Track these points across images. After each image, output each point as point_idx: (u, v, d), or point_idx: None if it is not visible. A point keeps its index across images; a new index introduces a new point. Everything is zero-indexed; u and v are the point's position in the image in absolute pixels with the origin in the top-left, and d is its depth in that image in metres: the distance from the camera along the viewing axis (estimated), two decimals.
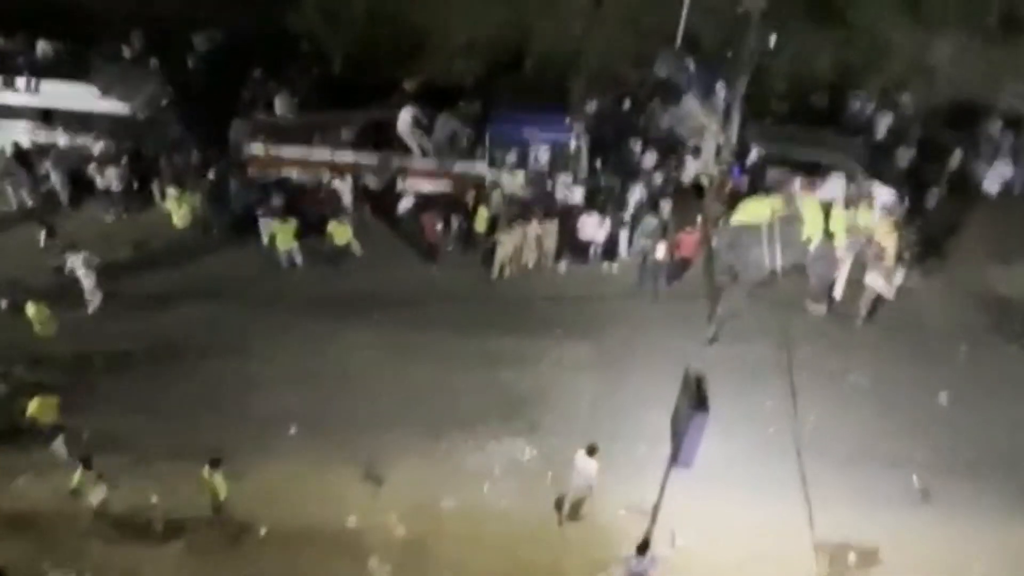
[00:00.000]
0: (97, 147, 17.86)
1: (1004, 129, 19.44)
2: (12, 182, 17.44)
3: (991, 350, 15.81)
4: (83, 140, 17.88)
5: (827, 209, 15.62)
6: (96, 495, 11.68)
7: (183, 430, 13.26)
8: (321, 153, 17.89)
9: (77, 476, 11.40)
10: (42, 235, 16.08)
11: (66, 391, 13.57)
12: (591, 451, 11.07)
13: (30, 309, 14.33)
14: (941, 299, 16.96)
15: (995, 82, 16.74)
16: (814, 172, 17.51)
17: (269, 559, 11.78)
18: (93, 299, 15.60)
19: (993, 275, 17.49)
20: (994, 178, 19.24)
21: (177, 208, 16.94)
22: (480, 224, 17.04)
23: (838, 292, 16.12)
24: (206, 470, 11.60)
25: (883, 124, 20.09)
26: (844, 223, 15.53)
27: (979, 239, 18.19)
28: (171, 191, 16.98)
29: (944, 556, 12.16)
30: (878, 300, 16.14)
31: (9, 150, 17.72)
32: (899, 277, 15.73)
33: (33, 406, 12.72)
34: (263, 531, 12.20)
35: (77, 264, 15.17)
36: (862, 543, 12.23)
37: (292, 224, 16.56)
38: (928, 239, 17.77)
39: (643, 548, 10.27)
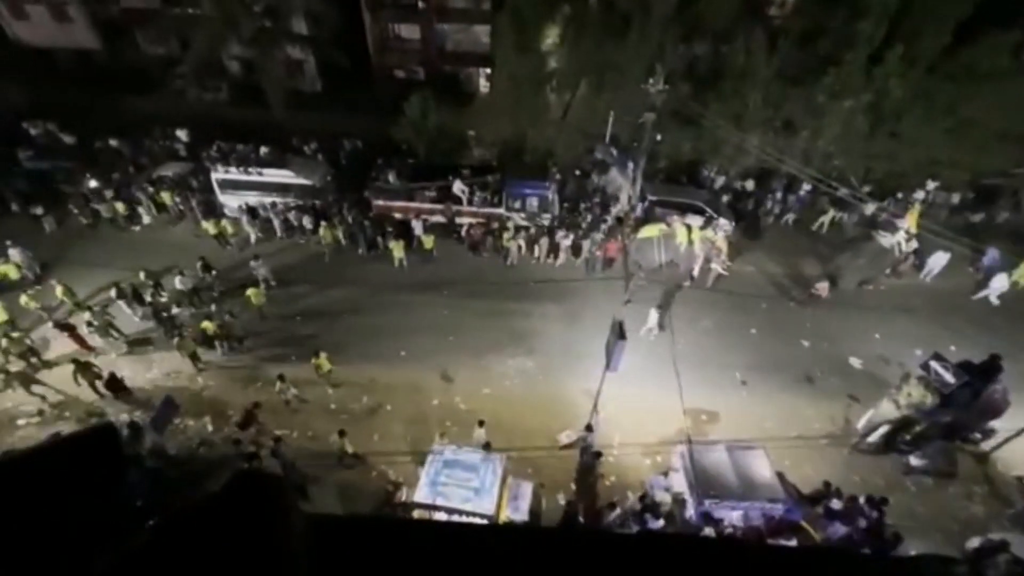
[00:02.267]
0: (293, 203, 17.86)
1: (785, 187, 19.32)
2: (248, 222, 17.42)
3: (778, 303, 15.89)
4: (285, 199, 17.89)
5: (689, 228, 15.68)
6: (290, 391, 11.96)
7: (334, 353, 13.04)
8: (415, 205, 17.82)
9: (278, 384, 11.78)
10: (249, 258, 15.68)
11: (269, 335, 14.18)
12: (480, 423, 10.82)
13: (251, 291, 14.38)
14: (751, 277, 16.90)
15: (779, 160, 16.74)
16: (682, 209, 17.46)
17: (393, 423, 12.12)
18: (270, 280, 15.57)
19: (778, 264, 17.44)
20: (780, 213, 19.16)
21: (329, 235, 16.91)
22: (503, 239, 16.99)
23: (695, 273, 16.15)
24: (322, 357, 12.28)
25: (718, 183, 19.95)
26: (699, 236, 15.60)
27: (770, 244, 18.20)
28: (323, 226, 16.88)
29: (752, 416, 12.41)
30: (717, 277, 16.18)
31: (244, 206, 17.70)
32: (726, 265, 15.91)
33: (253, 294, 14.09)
34: (388, 407, 12.55)
35: (257, 265, 15.20)
36: (709, 409, 12.50)
37: (402, 242, 16.56)
38: (743, 245, 17.77)
39: (589, 428, 10.64)
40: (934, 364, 10.78)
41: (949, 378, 10.48)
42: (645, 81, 15.24)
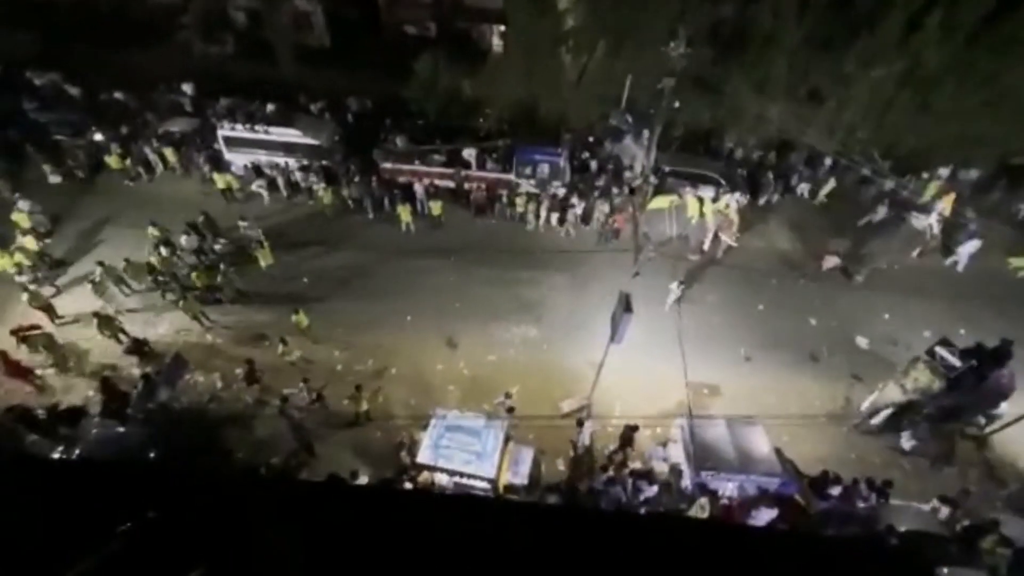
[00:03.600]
0: (299, 164, 17.65)
1: (806, 160, 18.74)
2: (258, 185, 17.26)
3: (788, 281, 15.66)
4: (291, 159, 17.68)
5: (701, 201, 15.38)
6: (295, 354, 12.20)
7: (340, 315, 13.66)
8: (423, 169, 17.51)
9: (281, 348, 11.97)
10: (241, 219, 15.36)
11: (275, 295, 14.24)
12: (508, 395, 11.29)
13: (260, 251, 14.53)
14: (763, 252, 16.62)
15: (801, 132, 16.19)
16: (697, 180, 17.06)
17: (397, 385, 12.35)
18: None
19: (791, 239, 17.15)
20: (801, 187, 18.64)
21: (330, 197, 16.69)
22: (517, 205, 16.95)
23: (706, 247, 15.93)
24: (300, 313, 12.45)
25: (736, 154, 19.36)
26: (711, 209, 15.32)
27: (785, 220, 17.83)
28: (324, 188, 16.72)
29: (755, 391, 12.48)
30: (727, 249, 16.00)
31: (249, 165, 17.56)
32: (736, 236, 15.72)
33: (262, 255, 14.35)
34: (393, 371, 12.78)
35: (246, 226, 14.98)
36: (711, 383, 12.58)
37: (408, 207, 16.44)
38: (756, 219, 17.41)
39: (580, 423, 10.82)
40: (939, 350, 10.75)
41: (955, 362, 10.45)
42: (666, 44, 14.60)
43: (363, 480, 10.20)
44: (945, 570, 8.22)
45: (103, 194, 17.33)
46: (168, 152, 17.80)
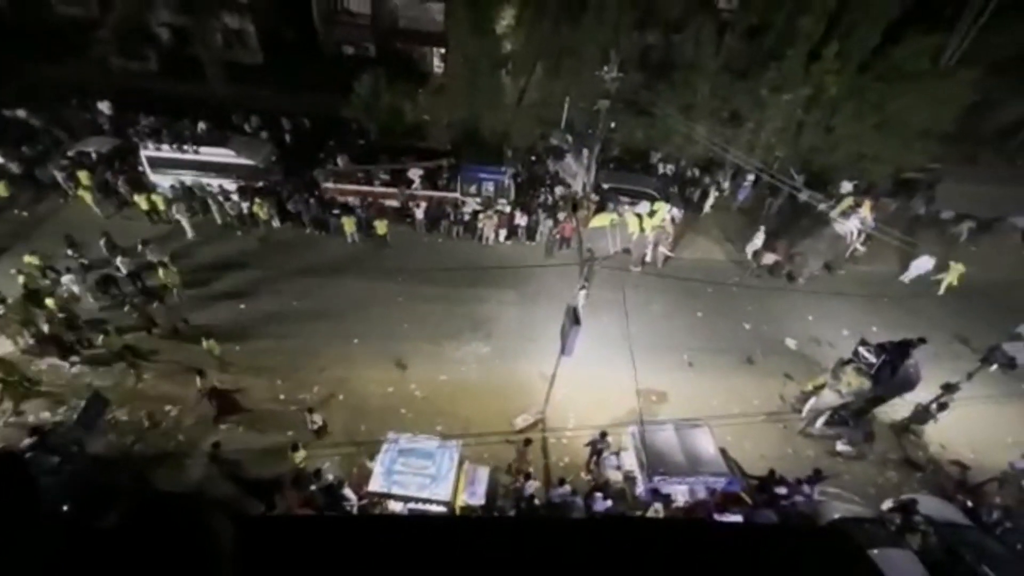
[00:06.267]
0: (234, 185, 16.82)
1: (731, 176, 20.14)
2: (178, 207, 15.99)
3: (723, 289, 16.43)
4: (225, 180, 16.79)
5: (640, 217, 16.04)
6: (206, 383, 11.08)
7: (282, 342, 13.04)
8: (365, 187, 17.24)
9: (199, 381, 11.01)
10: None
11: (212, 322, 13.23)
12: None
13: (162, 272, 13.54)
14: (699, 263, 17.48)
15: (725, 150, 17.44)
16: (634, 195, 17.79)
17: (345, 413, 11.77)
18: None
19: (723, 249, 18.22)
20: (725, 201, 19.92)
21: (263, 214, 16.19)
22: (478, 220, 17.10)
23: (648, 259, 16.62)
24: (211, 341, 11.77)
25: (667, 170, 20.49)
26: (649, 224, 16.01)
27: (716, 231, 18.94)
28: (257, 203, 16.08)
29: (699, 395, 12.96)
30: (665, 259, 16.86)
31: (178, 185, 16.45)
32: (671, 248, 16.77)
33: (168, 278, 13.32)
34: (341, 396, 12.23)
35: (147, 250, 13.97)
36: (658, 390, 12.95)
37: (353, 218, 16.18)
38: (691, 231, 18.44)
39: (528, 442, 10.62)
40: (860, 349, 11.69)
41: (873, 359, 11.42)
42: (600, 68, 15.34)
43: (329, 477, 9.76)
44: (876, 551, 8.82)
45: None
46: (82, 175, 16.35)
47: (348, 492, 9.53)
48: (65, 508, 8.29)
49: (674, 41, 19.13)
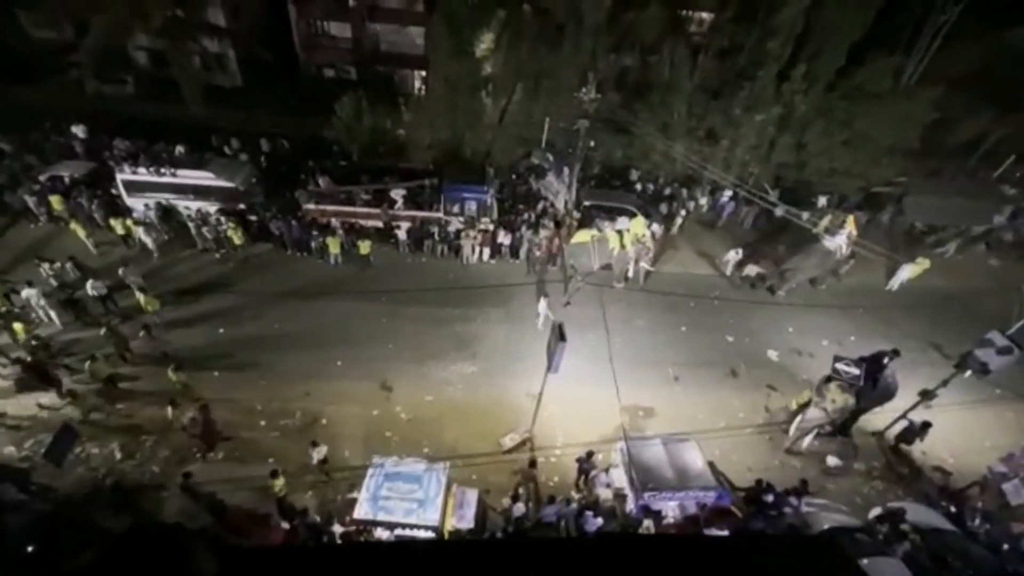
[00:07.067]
0: (214, 207, 16.64)
1: (709, 192, 20.59)
2: (148, 229, 15.70)
3: (704, 302, 16.59)
4: (204, 203, 16.60)
5: (621, 234, 16.22)
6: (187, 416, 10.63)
7: (263, 365, 12.79)
8: (349, 209, 17.25)
9: (170, 411, 10.72)
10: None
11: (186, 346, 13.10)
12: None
13: (142, 297, 13.29)
14: (680, 278, 17.63)
15: (702, 167, 17.91)
16: (615, 212, 17.99)
17: (329, 437, 11.29)
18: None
19: (703, 263, 18.44)
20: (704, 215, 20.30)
21: (237, 238, 16.04)
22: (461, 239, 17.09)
23: (630, 275, 16.78)
24: (177, 373, 11.50)
25: (648, 187, 20.84)
26: (630, 238, 16.19)
27: (695, 246, 19.23)
28: (232, 227, 15.93)
29: (684, 410, 12.94)
30: (647, 274, 16.98)
31: (152, 206, 16.29)
32: (652, 263, 16.92)
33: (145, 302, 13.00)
34: (324, 420, 11.97)
35: (127, 272, 13.63)
36: (645, 405, 12.92)
37: (337, 239, 16.15)
38: (672, 247, 18.71)
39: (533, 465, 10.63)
40: (838, 365, 11.58)
41: (855, 372, 11.50)
42: (578, 89, 15.70)
43: (316, 519, 9.50)
44: (865, 561, 8.85)
45: None
46: (55, 200, 15.96)
47: (336, 527, 9.24)
48: (30, 549, 7.86)
49: (650, 62, 19.68)
